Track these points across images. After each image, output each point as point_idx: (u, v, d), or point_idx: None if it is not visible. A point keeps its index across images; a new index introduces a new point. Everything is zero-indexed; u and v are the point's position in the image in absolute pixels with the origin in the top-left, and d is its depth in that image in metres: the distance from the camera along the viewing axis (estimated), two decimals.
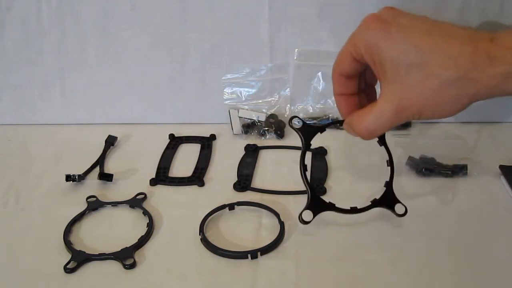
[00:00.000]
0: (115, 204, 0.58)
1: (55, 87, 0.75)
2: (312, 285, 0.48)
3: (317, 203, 0.51)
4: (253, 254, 0.50)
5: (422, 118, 0.47)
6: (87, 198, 0.59)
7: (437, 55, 0.44)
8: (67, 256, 0.51)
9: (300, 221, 0.50)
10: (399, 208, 0.51)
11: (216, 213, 0.56)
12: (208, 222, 0.55)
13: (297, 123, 0.52)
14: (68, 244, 0.52)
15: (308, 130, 0.53)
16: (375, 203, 0.52)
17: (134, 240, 0.52)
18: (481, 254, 0.51)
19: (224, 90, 0.74)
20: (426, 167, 0.62)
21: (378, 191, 0.59)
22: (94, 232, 0.55)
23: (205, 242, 0.52)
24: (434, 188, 0.60)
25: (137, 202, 0.58)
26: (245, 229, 0.54)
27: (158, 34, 0.72)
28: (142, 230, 0.54)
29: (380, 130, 0.48)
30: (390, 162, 0.53)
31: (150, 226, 0.54)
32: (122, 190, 0.61)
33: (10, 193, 0.61)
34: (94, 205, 0.58)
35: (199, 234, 0.52)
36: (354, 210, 0.52)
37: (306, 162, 0.53)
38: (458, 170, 0.61)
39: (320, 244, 0.52)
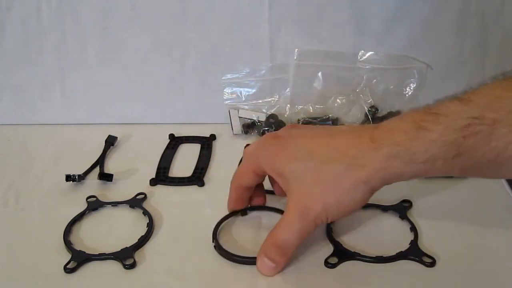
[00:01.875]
0: (115, 204, 0.58)
1: (55, 87, 0.75)
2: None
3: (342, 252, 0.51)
4: None
5: (332, 218, 0.48)
6: (87, 198, 0.59)
7: (325, 151, 0.46)
8: (67, 256, 0.51)
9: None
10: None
11: (229, 219, 0.55)
12: (220, 228, 0.54)
13: None
14: (68, 244, 0.52)
15: None
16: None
17: (134, 240, 0.52)
18: (481, 254, 0.51)
19: (224, 90, 0.74)
20: None
21: (378, 191, 0.59)
22: (94, 232, 0.55)
23: (220, 249, 0.51)
24: (434, 188, 0.60)
25: (137, 202, 0.58)
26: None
27: (158, 34, 0.72)
28: (142, 230, 0.54)
29: (293, 239, 0.47)
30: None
31: (150, 226, 0.54)
32: (122, 190, 0.61)
33: (10, 193, 0.61)
34: (94, 205, 0.58)
35: (212, 241, 0.52)
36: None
37: None
38: None
39: None
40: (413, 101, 0.74)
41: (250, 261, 0.49)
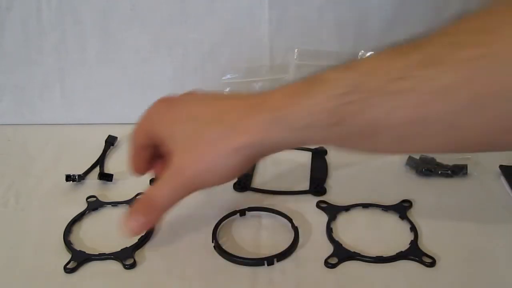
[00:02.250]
0: (115, 204, 0.58)
1: (55, 87, 0.75)
2: None
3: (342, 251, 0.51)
4: (270, 260, 0.50)
5: (206, 185, 0.47)
6: (87, 198, 0.59)
7: (208, 114, 0.45)
8: (67, 256, 0.51)
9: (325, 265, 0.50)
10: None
11: (228, 219, 0.55)
12: (220, 229, 0.54)
13: None
14: (68, 244, 0.52)
15: None
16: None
17: (134, 240, 0.52)
18: (481, 254, 0.51)
19: (224, 91, 0.74)
20: (426, 167, 0.62)
21: (377, 192, 0.59)
22: (94, 232, 0.55)
23: (219, 249, 0.51)
24: (434, 188, 0.60)
25: None
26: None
27: (158, 34, 0.72)
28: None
29: (162, 198, 0.46)
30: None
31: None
32: (122, 190, 0.61)
33: (10, 193, 0.61)
34: (94, 205, 0.58)
35: (212, 242, 0.52)
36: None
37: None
38: (458, 170, 0.61)
39: None
40: None
41: (250, 261, 0.50)
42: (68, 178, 0.61)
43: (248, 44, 0.72)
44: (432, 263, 0.49)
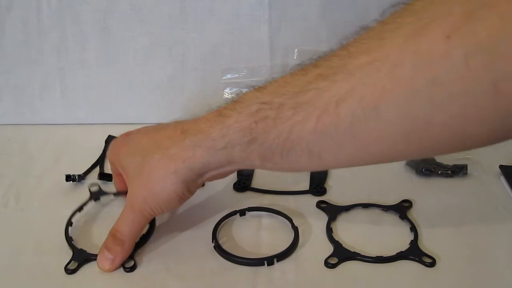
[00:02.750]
0: (117, 194, 0.58)
1: (55, 87, 0.75)
2: None
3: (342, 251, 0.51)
4: (270, 260, 0.50)
5: (156, 210, 0.49)
6: (90, 186, 0.59)
7: (149, 145, 0.49)
8: (67, 257, 0.51)
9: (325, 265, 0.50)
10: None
11: (228, 219, 0.56)
12: (220, 229, 0.54)
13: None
14: (68, 240, 0.52)
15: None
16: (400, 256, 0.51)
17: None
18: (481, 254, 0.51)
19: (224, 90, 0.74)
20: (426, 167, 0.62)
21: (377, 192, 0.59)
22: (95, 228, 0.55)
23: (219, 249, 0.51)
24: (434, 188, 0.60)
25: None
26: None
27: (158, 34, 0.72)
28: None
29: (126, 230, 0.49)
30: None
31: (151, 226, 0.54)
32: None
33: (10, 193, 0.61)
34: (96, 195, 0.58)
35: (212, 242, 0.52)
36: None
37: None
38: (458, 170, 0.61)
39: None
40: None
41: (250, 261, 0.50)
42: (68, 178, 0.61)
43: (248, 44, 0.72)
44: (432, 263, 0.49)
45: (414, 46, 0.35)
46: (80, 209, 0.56)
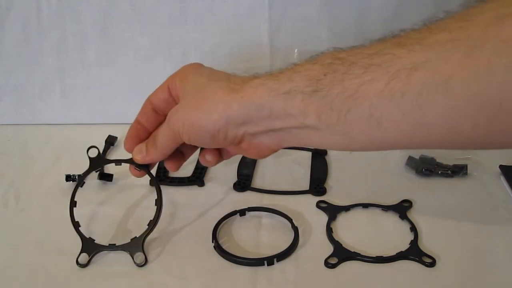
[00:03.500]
0: (118, 162, 0.57)
1: (55, 87, 0.75)
2: None
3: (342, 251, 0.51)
4: (270, 260, 0.50)
5: (186, 135, 0.48)
6: (89, 148, 0.58)
7: (220, 74, 0.49)
8: (66, 257, 0.51)
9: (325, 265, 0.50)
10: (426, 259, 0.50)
11: (228, 219, 0.56)
12: (220, 228, 0.54)
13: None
14: (76, 226, 0.52)
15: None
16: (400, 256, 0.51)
17: (143, 229, 0.52)
18: (481, 254, 0.51)
19: None
20: (426, 167, 0.62)
21: (377, 192, 0.59)
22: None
23: (219, 249, 0.51)
24: (434, 188, 0.60)
25: None
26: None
27: (158, 34, 0.72)
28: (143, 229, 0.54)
29: (164, 140, 0.51)
30: None
31: (155, 220, 0.54)
32: (122, 190, 0.61)
33: (10, 193, 0.61)
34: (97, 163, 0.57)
35: (212, 242, 0.52)
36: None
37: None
38: (458, 170, 0.61)
39: None
40: None
41: (250, 261, 0.50)
42: (68, 178, 0.61)
43: (248, 44, 0.72)
44: (432, 263, 0.49)
45: (495, 31, 0.36)
46: (81, 183, 0.55)
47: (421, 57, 0.38)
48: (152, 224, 0.51)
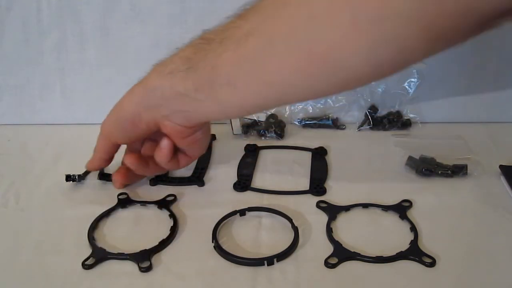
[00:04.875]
0: (143, 203, 0.59)
1: (55, 87, 0.75)
2: None
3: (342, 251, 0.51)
4: (270, 260, 0.50)
5: (114, 132, 0.58)
6: (118, 195, 0.59)
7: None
8: (66, 257, 0.51)
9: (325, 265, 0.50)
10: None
11: (228, 219, 0.55)
12: (220, 228, 0.54)
13: None
14: (91, 240, 0.52)
15: None
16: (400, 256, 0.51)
17: (153, 243, 0.52)
18: (481, 254, 0.51)
19: None
20: (426, 167, 0.62)
21: (377, 192, 0.59)
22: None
23: (219, 249, 0.51)
24: (434, 188, 0.60)
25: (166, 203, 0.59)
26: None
27: (158, 34, 0.72)
28: (142, 228, 0.54)
29: (98, 145, 0.60)
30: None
31: (174, 226, 0.54)
32: (122, 190, 0.61)
33: (10, 193, 0.61)
34: (124, 202, 0.58)
35: (212, 242, 0.52)
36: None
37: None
38: (458, 170, 0.61)
39: None
40: (413, 101, 0.74)
41: (250, 261, 0.50)
42: (68, 178, 0.61)
43: None
44: (432, 263, 0.49)
45: None
46: (106, 215, 0.57)
47: (253, 23, 0.46)
48: (164, 242, 0.52)
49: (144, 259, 0.50)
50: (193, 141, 0.57)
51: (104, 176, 0.63)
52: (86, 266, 0.49)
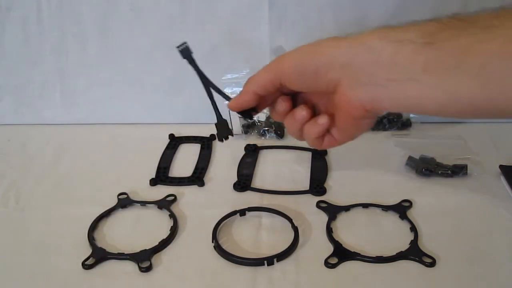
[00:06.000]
0: (143, 203, 0.58)
1: (55, 87, 0.75)
2: None
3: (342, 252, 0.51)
4: (270, 260, 0.50)
5: (290, 75, 0.49)
6: (118, 195, 0.59)
7: (328, 38, 0.51)
8: (66, 257, 0.51)
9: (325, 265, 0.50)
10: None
11: (228, 219, 0.55)
12: (220, 228, 0.54)
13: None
14: (91, 240, 0.52)
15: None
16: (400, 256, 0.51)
17: (153, 243, 0.52)
18: (481, 254, 0.51)
19: (224, 90, 0.74)
20: (426, 167, 0.62)
21: (377, 192, 0.59)
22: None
23: (219, 249, 0.51)
24: (434, 188, 0.60)
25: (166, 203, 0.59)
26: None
27: (158, 34, 0.72)
28: (142, 228, 0.54)
29: (254, 80, 0.52)
30: None
31: (174, 226, 0.54)
32: (122, 190, 0.61)
33: (10, 193, 0.61)
34: (124, 202, 0.58)
35: (212, 242, 0.52)
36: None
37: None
38: (458, 170, 0.61)
39: None
40: None
41: (250, 261, 0.50)
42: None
43: (248, 44, 0.72)
44: (432, 263, 0.49)
45: None
46: (106, 215, 0.56)
47: None
48: (165, 242, 0.52)
49: (144, 259, 0.50)
50: (356, 125, 0.49)
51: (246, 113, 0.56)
52: (86, 266, 0.49)
